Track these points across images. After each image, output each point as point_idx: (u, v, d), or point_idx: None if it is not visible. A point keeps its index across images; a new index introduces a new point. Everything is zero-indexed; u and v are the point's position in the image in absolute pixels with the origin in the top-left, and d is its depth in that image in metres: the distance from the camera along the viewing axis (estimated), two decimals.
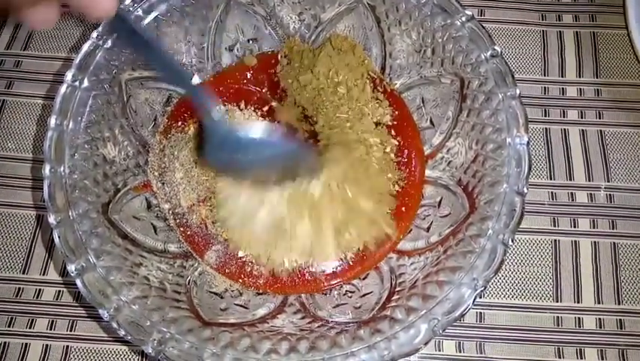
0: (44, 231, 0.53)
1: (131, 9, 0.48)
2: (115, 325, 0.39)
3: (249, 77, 0.54)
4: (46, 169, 0.43)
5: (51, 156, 0.43)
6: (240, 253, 0.47)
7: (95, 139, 0.45)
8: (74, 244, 0.41)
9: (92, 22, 0.41)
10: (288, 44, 0.55)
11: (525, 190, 0.42)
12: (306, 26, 0.55)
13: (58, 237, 0.41)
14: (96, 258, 0.41)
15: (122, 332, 0.39)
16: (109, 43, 0.47)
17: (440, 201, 0.48)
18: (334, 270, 0.47)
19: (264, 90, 0.53)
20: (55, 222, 0.41)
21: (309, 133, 0.50)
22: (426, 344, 0.38)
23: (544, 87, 0.58)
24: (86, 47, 0.46)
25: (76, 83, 0.45)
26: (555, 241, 0.52)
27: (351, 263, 0.47)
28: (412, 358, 0.41)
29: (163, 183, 0.50)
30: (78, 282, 0.40)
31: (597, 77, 0.59)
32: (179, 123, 0.52)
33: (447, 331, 0.39)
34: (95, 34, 0.47)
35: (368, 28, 0.53)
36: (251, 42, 0.55)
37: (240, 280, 0.46)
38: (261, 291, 0.46)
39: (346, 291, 0.47)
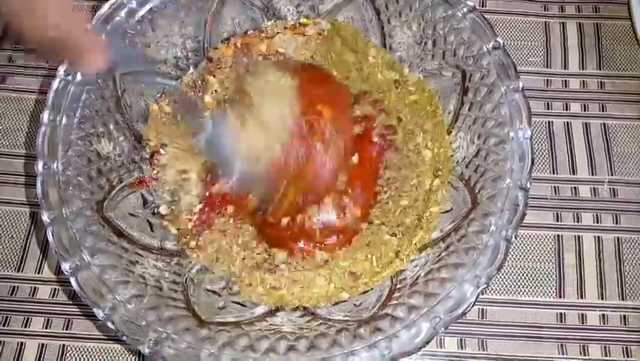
0: (39, 228, 0.52)
1: (125, 1, 0.47)
2: (110, 324, 0.38)
3: None
4: (39, 166, 0.42)
5: (44, 152, 0.42)
6: None
7: (89, 135, 0.44)
8: (68, 243, 0.40)
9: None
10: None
11: (528, 185, 0.41)
12: (304, 17, 0.54)
13: (52, 235, 0.40)
14: (91, 256, 0.40)
15: (117, 332, 0.38)
16: (103, 36, 0.46)
17: None
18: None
19: None
20: (49, 220, 0.40)
21: None
22: (427, 342, 0.38)
23: (547, 79, 0.57)
24: None
25: (70, 78, 0.44)
26: (558, 236, 0.51)
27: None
28: (413, 355, 0.40)
29: None
30: (73, 281, 0.39)
31: (600, 69, 0.58)
32: None
33: (449, 327, 0.38)
34: (88, 27, 0.46)
35: (367, 20, 0.52)
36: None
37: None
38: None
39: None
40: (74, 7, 0.33)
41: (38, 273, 0.51)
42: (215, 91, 0.52)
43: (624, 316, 0.49)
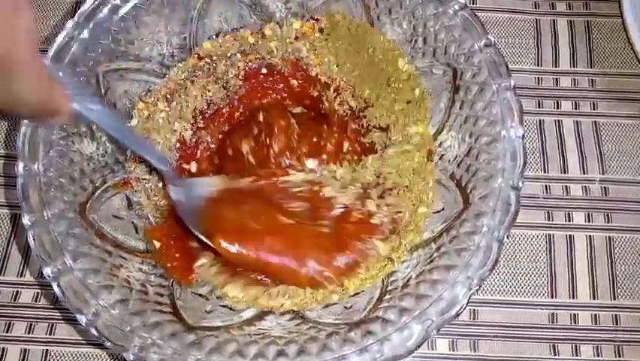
0: (20, 230, 0.51)
1: None
2: (94, 331, 0.37)
3: None
4: (20, 167, 0.41)
5: (24, 153, 0.41)
6: None
7: (71, 134, 0.43)
8: (50, 246, 0.39)
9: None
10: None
11: (520, 185, 0.40)
12: (292, 15, 0.53)
13: (33, 238, 0.39)
14: (73, 260, 0.39)
15: (101, 339, 0.37)
16: (85, 33, 0.44)
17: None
18: None
19: None
20: (30, 223, 0.39)
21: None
22: (419, 345, 0.37)
23: (538, 77, 0.57)
24: (60, 38, 0.44)
25: None
26: (549, 235, 0.51)
27: None
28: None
29: None
30: (54, 286, 0.38)
31: (591, 67, 0.57)
32: None
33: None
34: (70, 24, 0.44)
35: (357, 17, 0.51)
36: (235, 31, 0.53)
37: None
38: None
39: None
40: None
41: (20, 276, 0.49)
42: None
43: (616, 315, 0.49)
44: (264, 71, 0.51)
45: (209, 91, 0.50)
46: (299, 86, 0.52)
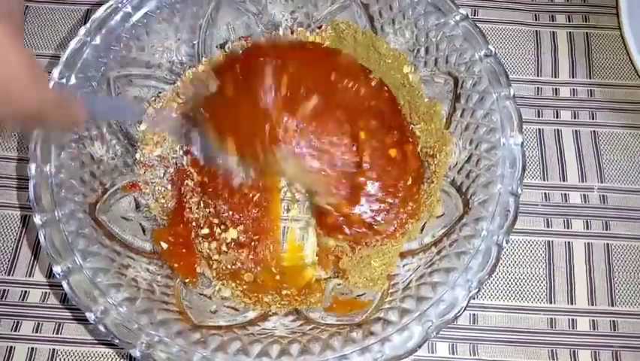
0: (30, 231, 0.52)
1: (120, 5, 0.47)
2: (102, 328, 0.38)
3: None
4: (32, 168, 0.42)
5: (37, 155, 0.42)
6: None
7: (82, 137, 0.44)
8: (60, 245, 0.40)
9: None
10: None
11: (519, 191, 0.41)
12: (298, 24, 0.54)
13: (44, 237, 0.40)
14: (83, 259, 0.40)
15: (109, 336, 0.38)
16: (97, 39, 0.46)
17: None
18: None
19: None
20: (41, 223, 0.40)
21: None
22: (419, 346, 0.38)
23: (538, 87, 0.58)
24: (73, 44, 0.45)
25: (63, 81, 0.44)
26: (548, 242, 0.52)
27: None
28: (405, 360, 0.41)
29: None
30: (64, 284, 0.39)
31: (590, 78, 0.58)
32: None
33: (440, 333, 0.38)
34: (82, 30, 0.46)
35: (361, 27, 0.52)
36: (242, 40, 0.54)
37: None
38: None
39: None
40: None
41: (29, 276, 0.50)
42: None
43: (614, 321, 0.49)
44: None
45: None
46: None
